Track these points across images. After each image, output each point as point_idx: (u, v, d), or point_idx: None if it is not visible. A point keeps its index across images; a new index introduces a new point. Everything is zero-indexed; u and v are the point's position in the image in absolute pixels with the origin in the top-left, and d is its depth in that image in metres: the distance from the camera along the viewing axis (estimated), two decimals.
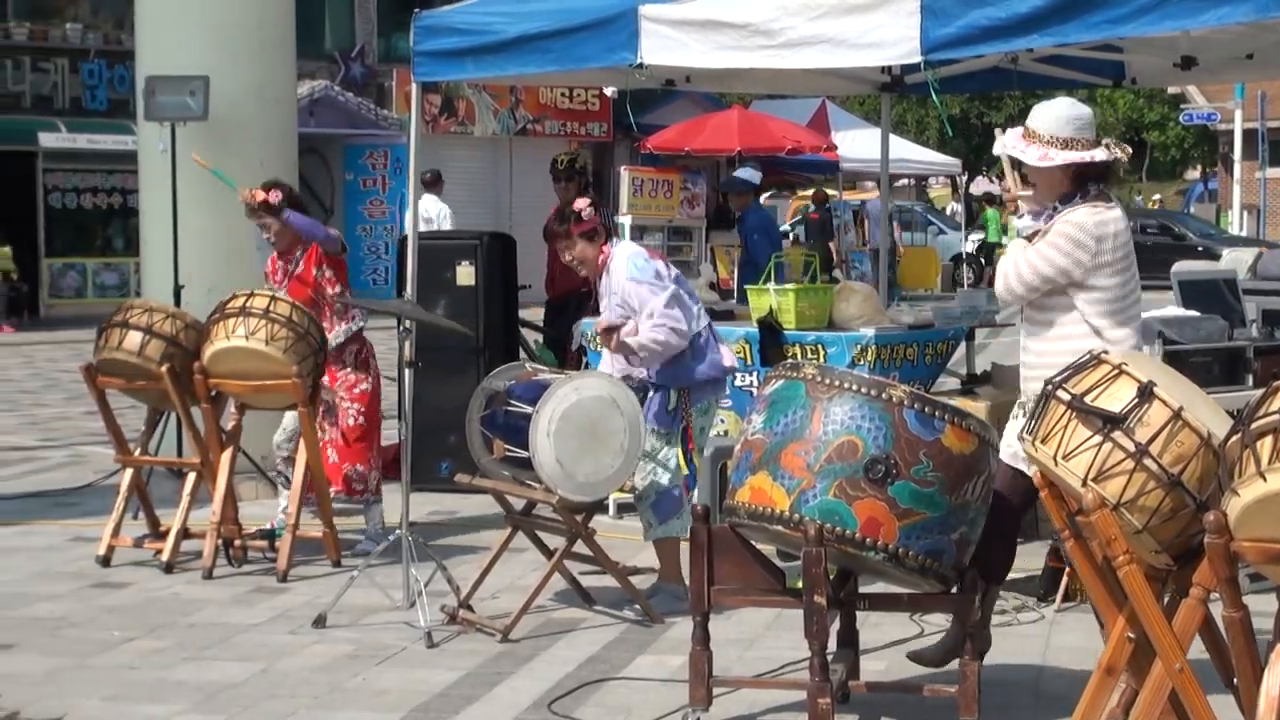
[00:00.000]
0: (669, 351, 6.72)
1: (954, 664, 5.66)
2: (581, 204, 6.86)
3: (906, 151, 28.57)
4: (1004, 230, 30.20)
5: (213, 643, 6.36)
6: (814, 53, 6.94)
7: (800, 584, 4.85)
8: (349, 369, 7.88)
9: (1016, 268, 5.41)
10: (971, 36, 6.50)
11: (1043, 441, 4.45)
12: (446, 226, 18.51)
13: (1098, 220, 5.36)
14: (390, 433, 9.95)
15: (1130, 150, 5.60)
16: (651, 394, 6.74)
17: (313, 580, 7.41)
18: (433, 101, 28.24)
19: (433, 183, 18.86)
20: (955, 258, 32.76)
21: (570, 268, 7.17)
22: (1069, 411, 4.40)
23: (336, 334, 7.80)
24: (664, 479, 6.71)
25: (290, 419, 7.89)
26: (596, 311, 6.92)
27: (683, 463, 6.77)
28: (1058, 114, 5.41)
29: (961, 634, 5.65)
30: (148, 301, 8.00)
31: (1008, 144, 5.47)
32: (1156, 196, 49.10)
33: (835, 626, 5.35)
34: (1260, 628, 4.34)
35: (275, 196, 7.76)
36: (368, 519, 8.00)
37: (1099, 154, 5.39)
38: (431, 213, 18.44)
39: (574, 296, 10.42)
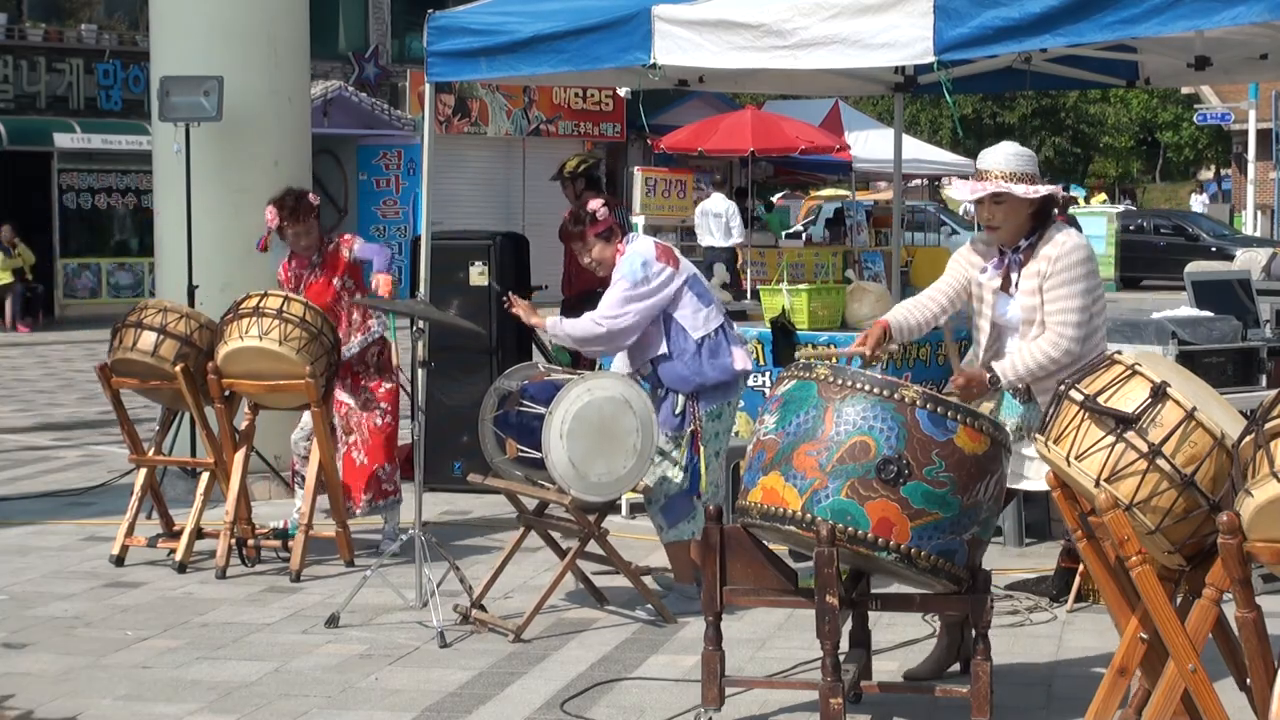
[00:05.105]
0: (588, 346, 6.81)
1: (957, 666, 5.69)
2: (595, 204, 6.82)
3: (919, 152, 28.57)
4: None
5: (226, 642, 6.37)
6: (827, 53, 6.93)
7: (812, 584, 4.85)
8: (371, 369, 7.88)
9: (1061, 325, 5.56)
10: (985, 37, 6.50)
11: (1055, 442, 4.45)
12: (736, 223, 22.04)
13: (1079, 239, 5.67)
14: (403, 432, 9.97)
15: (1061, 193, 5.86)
16: (661, 397, 6.73)
17: (326, 580, 7.43)
18: (446, 102, 28.28)
19: (721, 184, 23.42)
20: None
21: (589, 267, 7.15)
22: (1082, 412, 4.40)
23: (352, 345, 7.80)
24: (672, 483, 6.70)
25: (309, 418, 7.90)
26: None
27: (703, 468, 6.72)
28: (1015, 152, 5.63)
29: (952, 643, 5.69)
30: (162, 302, 8.02)
31: (976, 190, 5.57)
32: (1114, 201, 48.75)
33: (847, 627, 5.35)
34: (1274, 629, 4.34)
35: (315, 198, 7.80)
36: (387, 518, 7.98)
37: (1054, 189, 5.68)
38: (720, 209, 22.11)
39: (591, 295, 10.41)
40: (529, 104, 30.23)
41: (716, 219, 22.34)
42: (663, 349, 6.69)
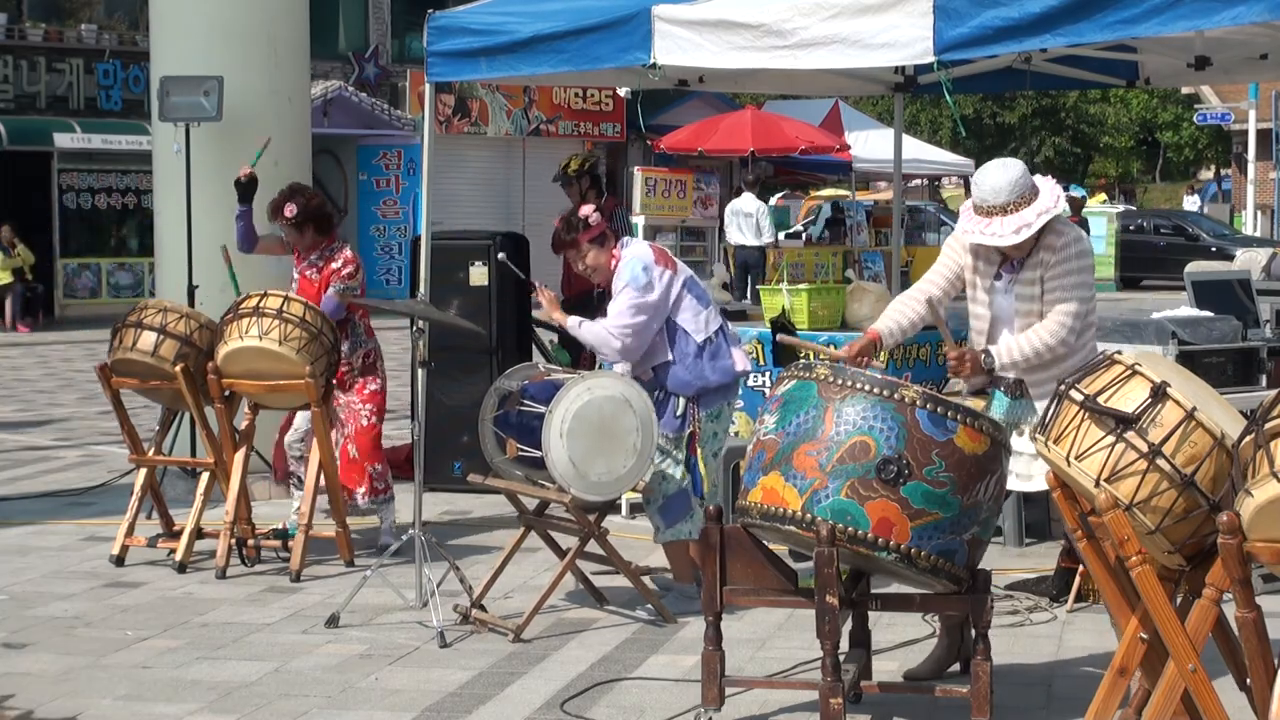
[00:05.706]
0: (602, 354, 6.75)
1: (957, 666, 5.69)
2: (587, 210, 6.81)
3: (919, 152, 28.60)
4: None
5: (226, 642, 6.37)
6: (827, 53, 6.93)
7: (812, 584, 4.85)
8: (356, 372, 7.89)
9: (1063, 314, 5.64)
10: (984, 37, 6.50)
11: (1055, 442, 4.45)
12: (766, 223, 22.60)
13: (1079, 231, 5.74)
14: (403, 432, 9.97)
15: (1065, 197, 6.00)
16: (660, 399, 6.71)
17: (326, 580, 7.43)
18: (446, 102, 28.26)
19: (753, 184, 23.54)
20: None
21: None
22: (1082, 412, 4.40)
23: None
24: (670, 483, 6.70)
25: (301, 419, 7.90)
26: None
27: (702, 469, 6.72)
28: (1020, 173, 5.64)
29: (953, 643, 5.69)
30: (162, 302, 8.02)
31: (1023, 229, 5.57)
32: (1114, 201, 48.74)
33: (847, 627, 5.35)
34: (1274, 629, 4.33)
35: (290, 211, 7.76)
36: (383, 517, 8.00)
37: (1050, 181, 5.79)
38: (751, 209, 22.55)
39: (590, 296, 10.43)
40: (529, 104, 30.22)
41: (747, 218, 22.77)
42: (668, 355, 6.68)
